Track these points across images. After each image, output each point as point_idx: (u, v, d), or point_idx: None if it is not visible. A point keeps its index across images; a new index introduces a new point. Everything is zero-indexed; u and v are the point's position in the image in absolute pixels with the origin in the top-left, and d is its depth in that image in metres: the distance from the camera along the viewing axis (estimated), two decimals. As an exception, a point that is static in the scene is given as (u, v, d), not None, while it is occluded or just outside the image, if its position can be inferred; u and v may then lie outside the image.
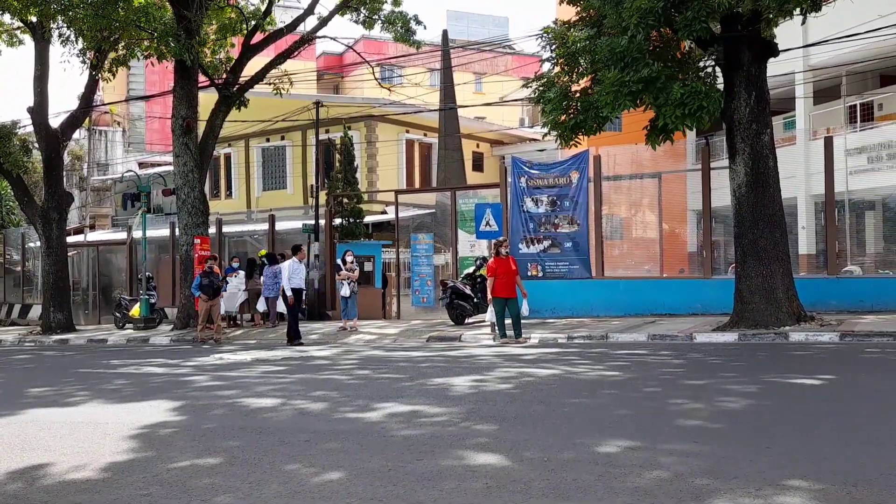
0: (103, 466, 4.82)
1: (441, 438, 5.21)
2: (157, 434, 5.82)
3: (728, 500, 3.67)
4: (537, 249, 16.15)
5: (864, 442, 4.83)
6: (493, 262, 12.61)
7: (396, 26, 18.71)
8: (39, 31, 19.15)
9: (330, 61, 44.54)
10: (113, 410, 7.13)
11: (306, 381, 8.60)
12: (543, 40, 12.94)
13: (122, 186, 31.66)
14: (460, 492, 3.97)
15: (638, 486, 3.94)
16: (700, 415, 5.88)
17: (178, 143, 17.80)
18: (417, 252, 18.73)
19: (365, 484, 4.18)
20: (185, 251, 18.01)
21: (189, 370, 10.45)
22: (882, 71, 20.73)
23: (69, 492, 4.33)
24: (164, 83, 32.29)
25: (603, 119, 11.86)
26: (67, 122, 20.65)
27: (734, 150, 12.12)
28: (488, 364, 9.54)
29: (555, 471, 4.29)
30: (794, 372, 7.89)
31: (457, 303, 16.01)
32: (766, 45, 12.06)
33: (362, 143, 28.46)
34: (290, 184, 30.45)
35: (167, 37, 16.17)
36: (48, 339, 17.72)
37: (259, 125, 27.59)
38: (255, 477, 4.42)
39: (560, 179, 16.08)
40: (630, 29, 10.81)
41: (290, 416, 6.38)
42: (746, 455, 4.53)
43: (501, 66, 40.98)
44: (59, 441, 5.68)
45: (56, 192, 20.04)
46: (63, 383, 9.34)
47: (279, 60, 18.95)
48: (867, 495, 3.69)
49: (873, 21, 14.95)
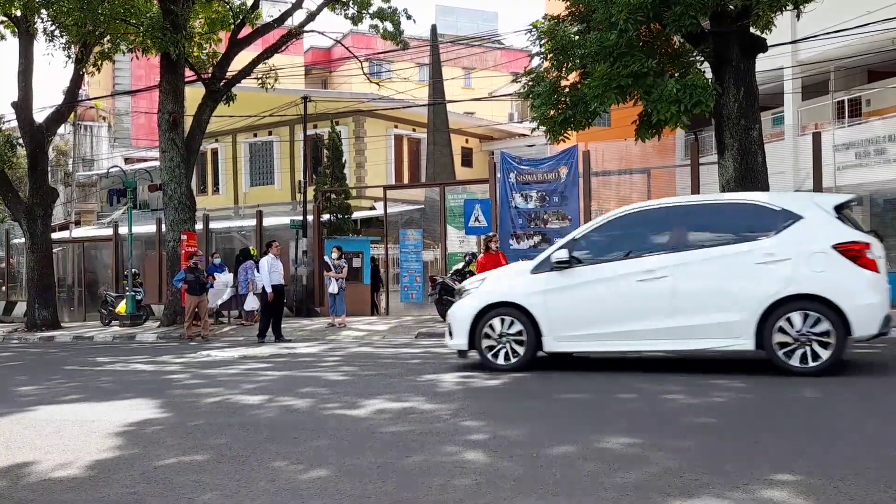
0: (89, 464, 4.78)
1: (430, 435, 5.20)
2: (144, 432, 5.77)
3: (715, 495, 3.67)
4: (527, 245, 16.14)
5: (852, 436, 4.85)
6: (483, 257, 12.59)
7: (385, 23, 18.63)
8: (23, 25, 18.94)
9: (318, 56, 44.38)
10: (99, 408, 7.07)
11: (294, 378, 8.57)
12: (533, 35, 12.92)
13: (108, 182, 31.45)
14: (448, 488, 3.95)
15: (626, 482, 3.94)
16: (690, 410, 5.89)
17: (165, 138, 17.67)
18: (406, 248, 18.71)
19: (352, 481, 4.16)
20: (172, 247, 17.90)
21: (176, 367, 10.39)
22: (870, 66, 20.83)
23: (55, 490, 4.28)
24: (150, 78, 32.10)
25: (592, 114, 11.85)
26: (52, 116, 20.46)
27: (723, 145, 12.15)
28: (477, 360, 9.52)
29: (543, 466, 4.28)
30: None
31: (446, 299, 15.96)
32: (755, 41, 12.09)
33: (350, 139, 28.39)
34: (278, 179, 30.35)
35: (153, 31, 16.04)
36: (33, 337, 17.57)
37: (246, 120, 27.49)
38: (242, 474, 4.39)
39: (549, 175, 16.08)
40: (619, 24, 10.81)
41: (277, 413, 6.35)
42: (734, 449, 4.54)
43: (491, 62, 40.94)
44: (44, 439, 5.63)
45: (41, 187, 19.86)
46: (48, 381, 9.26)
47: (267, 55, 18.85)
48: (854, 489, 3.70)
49: (861, 17, 15.02)
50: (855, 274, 7.18)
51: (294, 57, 34.29)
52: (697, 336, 7.61)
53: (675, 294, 7.62)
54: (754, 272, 7.40)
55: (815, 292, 7.17)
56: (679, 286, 7.62)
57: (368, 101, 27.76)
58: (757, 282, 7.37)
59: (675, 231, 7.97)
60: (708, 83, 11.15)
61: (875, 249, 7.35)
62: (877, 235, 7.78)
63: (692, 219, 8.18)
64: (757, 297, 7.31)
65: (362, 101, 28.25)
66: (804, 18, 12.37)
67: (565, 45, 12.01)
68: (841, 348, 7.10)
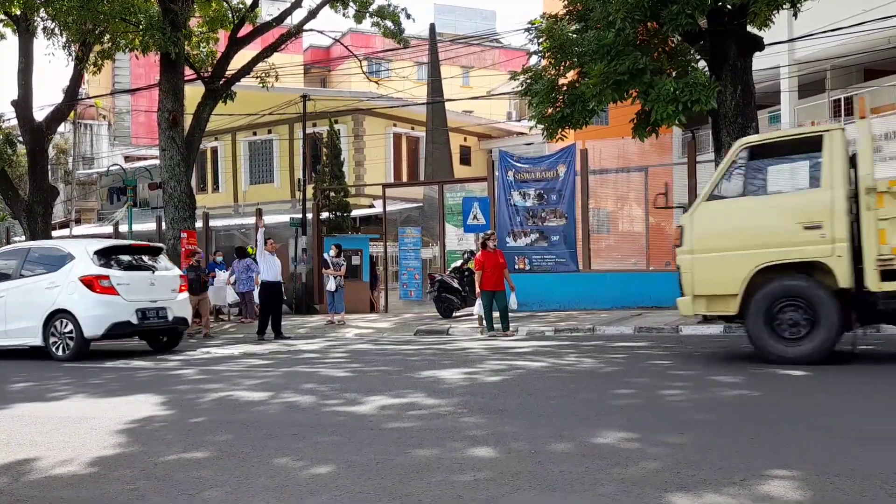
0: (90, 461, 4.80)
1: (430, 431, 5.23)
2: (145, 429, 5.81)
3: (712, 490, 3.71)
4: (525, 243, 16.19)
5: (846, 433, 4.89)
6: (482, 255, 12.63)
7: (386, 21, 18.65)
8: (23, 23, 18.94)
9: (317, 55, 44.33)
10: (100, 405, 7.10)
11: (294, 375, 8.60)
12: (531, 33, 12.96)
13: (108, 180, 31.40)
14: (447, 484, 3.99)
15: (624, 477, 3.97)
16: (688, 406, 5.93)
17: (165, 136, 17.68)
18: (405, 246, 18.75)
19: (353, 477, 4.19)
20: (172, 245, 17.89)
21: (177, 364, 10.42)
22: (866, 65, 20.86)
23: (55, 486, 4.31)
24: (150, 76, 32.05)
25: (590, 112, 11.89)
26: (52, 115, 20.46)
27: (720, 143, 12.19)
28: (477, 357, 9.57)
29: (542, 462, 4.32)
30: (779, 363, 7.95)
31: (445, 296, 16.04)
32: (752, 39, 12.12)
33: (349, 137, 28.39)
34: (278, 178, 30.35)
35: (153, 30, 16.04)
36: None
37: (246, 119, 27.47)
38: (242, 471, 4.42)
39: (547, 173, 16.12)
40: (617, 23, 10.85)
41: (278, 410, 6.38)
42: (732, 445, 4.58)
43: (489, 60, 40.92)
44: (45, 436, 5.65)
45: (41, 185, 19.87)
46: (48, 378, 9.29)
47: (266, 54, 18.85)
48: (849, 485, 3.74)
49: (858, 15, 15.04)
50: (87, 296, 11.21)
51: (293, 56, 34.27)
52: (16, 336, 11.74)
53: (7, 307, 11.71)
54: (43, 294, 11.49)
55: (66, 307, 11.26)
56: (9, 301, 11.70)
57: (367, 100, 27.77)
58: (43, 300, 11.47)
59: (15, 264, 12.07)
60: (709, 81, 11.19)
61: (113, 279, 11.42)
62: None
63: (28, 256, 12.17)
64: (41, 311, 11.40)
65: (361, 99, 28.25)
66: (800, 17, 12.40)
67: (563, 44, 12.05)
68: (80, 342, 11.19)
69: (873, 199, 7.35)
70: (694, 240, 8.14)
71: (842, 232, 7.42)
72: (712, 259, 8.02)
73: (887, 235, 7.30)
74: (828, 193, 7.51)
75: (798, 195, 7.72)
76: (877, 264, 7.34)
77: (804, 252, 7.59)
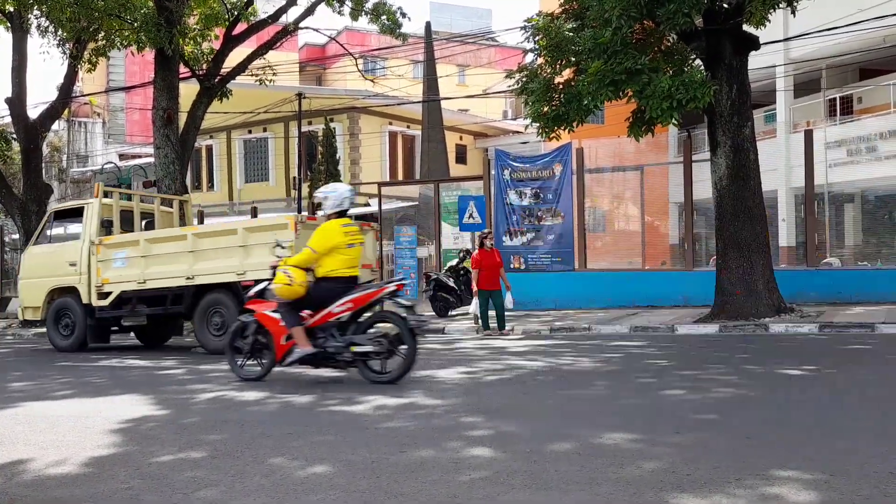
0: (84, 461, 4.78)
1: (426, 431, 5.22)
2: (139, 428, 5.78)
3: (712, 490, 3.70)
4: (520, 242, 16.19)
5: (843, 432, 4.90)
6: (478, 254, 12.63)
7: (382, 18, 18.61)
8: (17, 20, 18.87)
9: (312, 52, 44.28)
10: (94, 404, 7.07)
11: (290, 374, 8.57)
12: (527, 32, 12.94)
13: (103, 178, 31.30)
14: (443, 484, 3.97)
15: (620, 477, 3.96)
16: (684, 406, 5.92)
17: (159, 134, 17.63)
18: (401, 244, 18.72)
19: (348, 476, 4.18)
20: (167, 244, 17.84)
21: (171, 363, 10.38)
22: (862, 64, 20.92)
23: (49, 486, 4.28)
24: (145, 74, 31.95)
25: (586, 110, 11.88)
26: (46, 113, 20.39)
27: (715, 142, 12.20)
28: (473, 356, 9.56)
29: (538, 462, 4.31)
30: (775, 363, 7.97)
31: (440, 295, 16.01)
32: (748, 39, 12.14)
33: (345, 135, 28.37)
34: (273, 176, 30.31)
35: (148, 27, 15.99)
36: (28, 333, 17.50)
37: (241, 116, 27.41)
38: (237, 470, 4.40)
39: (543, 172, 16.11)
40: (613, 21, 10.84)
41: (273, 409, 6.36)
42: (732, 445, 4.57)
43: (485, 59, 40.94)
44: (39, 435, 5.62)
45: (35, 183, 19.80)
46: (43, 377, 9.25)
47: (262, 51, 18.81)
48: (845, 484, 3.74)
49: (853, 14, 15.08)
50: None
51: (289, 53, 34.23)
52: None
53: None
54: None
55: None
56: None
57: (363, 98, 27.76)
58: None
59: None
60: (705, 79, 11.20)
61: None
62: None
63: None
64: None
65: (357, 97, 28.24)
66: (796, 16, 12.42)
67: (559, 42, 12.05)
68: None
69: (94, 248, 12.08)
70: (24, 270, 13.33)
71: (85, 268, 12.15)
72: (31, 283, 13.00)
73: (101, 272, 11.96)
74: (82, 244, 12.28)
75: (69, 244, 12.57)
76: (95, 289, 12.03)
77: (69, 280, 12.35)
